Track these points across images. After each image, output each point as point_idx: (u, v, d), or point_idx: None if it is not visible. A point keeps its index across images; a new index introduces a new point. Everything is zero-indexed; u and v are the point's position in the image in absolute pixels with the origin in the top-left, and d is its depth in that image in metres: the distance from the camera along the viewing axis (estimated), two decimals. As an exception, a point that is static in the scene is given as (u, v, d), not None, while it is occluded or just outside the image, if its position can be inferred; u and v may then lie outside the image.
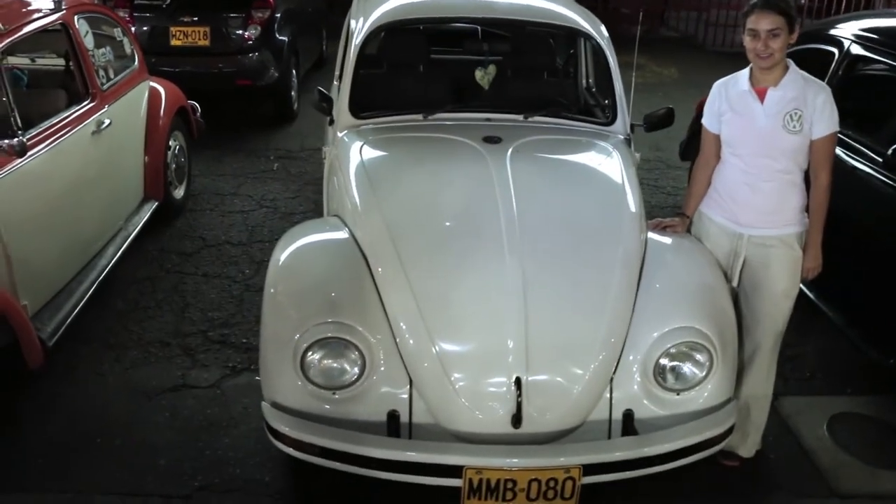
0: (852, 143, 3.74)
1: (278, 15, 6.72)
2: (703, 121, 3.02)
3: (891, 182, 3.45)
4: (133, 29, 6.50)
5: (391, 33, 3.90)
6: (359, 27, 3.64)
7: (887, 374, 3.42)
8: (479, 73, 3.84)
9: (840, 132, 3.75)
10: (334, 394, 2.50)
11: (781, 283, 2.92)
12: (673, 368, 2.58)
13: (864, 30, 3.97)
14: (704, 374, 2.58)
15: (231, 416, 3.32)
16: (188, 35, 6.52)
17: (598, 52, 3.61)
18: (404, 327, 2.53)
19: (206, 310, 4.11)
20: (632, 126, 3.63)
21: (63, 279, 3.67)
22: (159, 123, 4.69)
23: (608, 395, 2.56)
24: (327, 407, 2.51)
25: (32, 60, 4.63)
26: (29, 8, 3.63)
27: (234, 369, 3.64)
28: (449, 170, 3.09)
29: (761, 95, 2.81)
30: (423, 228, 2.78)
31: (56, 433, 3.20)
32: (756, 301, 2.96)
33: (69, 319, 3.53)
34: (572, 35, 3.72)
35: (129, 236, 4.26)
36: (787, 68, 2.80)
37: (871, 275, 3.59)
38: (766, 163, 2.83)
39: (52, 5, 3.72)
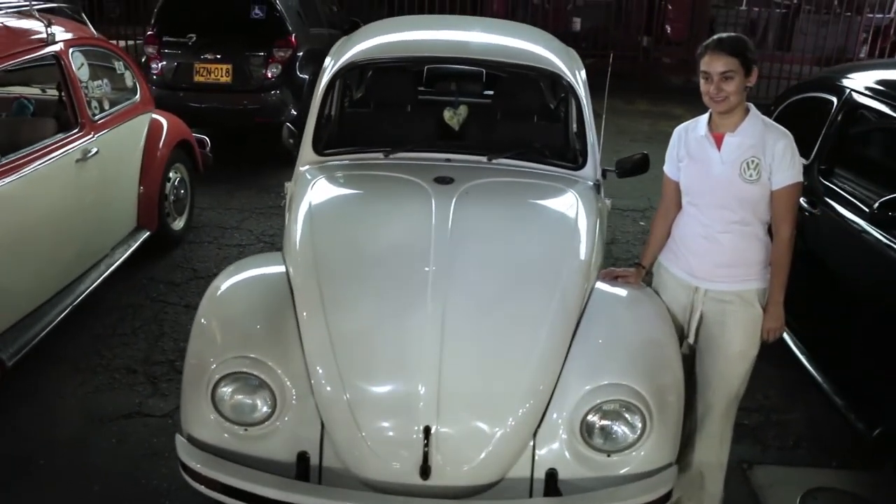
0: (845, 194, 3.52)
1: (300, 54, 6.85)
2: (665, 167, 2.90)
3: (880, 238, 3.22)
4: (160, 64, 6.75)
5: (363, 73, 3.89)
6: (329, 65, 3.64)
7: (871, 447, 3.16)
8: (447, 114, 3.78)
9: (834, 183, 3.61)
10: (245, 429, 2.44)
11: (737, 344, 2.74)
12: (603, 428, 2.41)
13: (864, 78, 3.77)
14: (637, 435, 2.40)
15: (174, 447, 3.27)
16: (211, 72, 6.69)
17: (571, 94, 3.51)
18: (319, 370, 2.45)
19: (179, 340, 4.11)
20: (604, 172, 3.51)
21: (34, 302, 3.72)
22: (157, 155, 4.77)
23: (531, 452, 2.41)
24: (238, 443, 2.44)
25: (43, 91, 4.81)
26: (22, 40, 3.76)
27: (191, 401, 3.61)
28: (390, 210, 3.02)
29: (718, 141, 2.67)
30: (351, 268, 2.71)
31: (2, 450, 3.25)
32: (709, 361, 2.78)
33: (34, 342, 3.58)
34: (547, 77, 3.63)
35: (113, 264, 4.31)
36: (746, 112, 2.66)
37: (859, 338, 3.35)
38: (722, 213, 2.67)
39: (45, 37, 3.84)
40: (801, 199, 3.73)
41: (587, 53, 11.87)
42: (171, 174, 5.03)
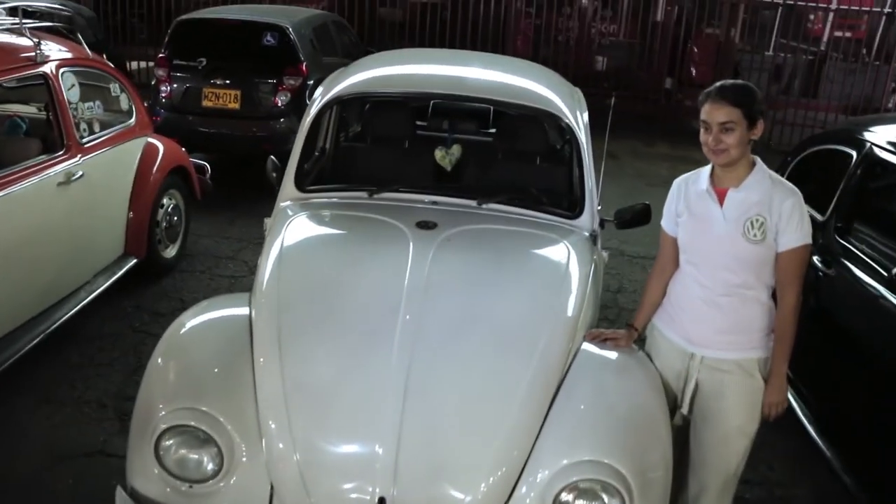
0: (862, 255, 3.28)
1: (311, 83, 6.73)
2: (662, 222, 2.69)
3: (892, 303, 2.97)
4: (169, 87, 6.67)
5: (361, 106, 3.74)
6: (317, 98, 3.49)
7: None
8: (439, 153, 3.60)
9: (851, 242, 3.37)
10: (190, 486, 2.26)
11: (736, 418, 2.50)
12: None
13: (887, 132, 3.54)
14: None
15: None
16: (219, 97, 6.60)
17: (570, 137, 3.32)
18: (272, 425, 2.26)
19: (154, 375, 3.93)
20: (602, 222, 3.30)
21: (3, 328, 3.56)
22: (150, 180, 4.64)
23: (498, 529, 2.19)
24: (182, 500, 2.26)
25: (39, 110, 4.71)
26: (8, 58, 3.65)
27: (157, 442, 3.42)
28: (364, 255, 2.83)
29: (721, 197, 2.46)
30: (313, 315, 2.51)
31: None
32: (705, 435, 2.55)
33: (1, 368, 3.42)
34: (543, 117, 3.44)
35: (94, 291, 4.16)
36: (752, 166, 2.45)
37: (873, 411, 3.08)
38: (723, 275, 2.46)
39: (33, 56, 3.74)
40: (815, 259, 3.50)
41: (608, 93, 11.79)
42: (164, 200, 4.90)
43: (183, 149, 5.35)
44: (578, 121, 3.36)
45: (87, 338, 4.24)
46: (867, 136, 3.57)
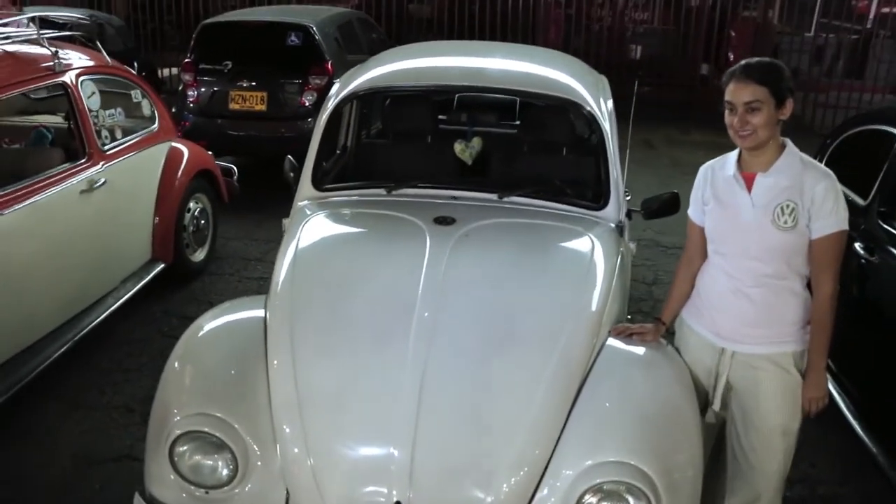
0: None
1: (336, 81, 6.68)
2: (689, 211, 2.56)
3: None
4: (196, 92, 6.70)
5: (371, 104, 3.66)
6: (333, 95, 3.43)
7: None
8: (458, 147, 3.50)
9: (894, 227, 3.19)
10: (207, 492, 2.22)
11: (777, 416, 2.37)
12: None
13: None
14: None
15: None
16: (246, 99, 6.60)
17: (594, 125, 3.20)
18: (286, 429, 2.21)
19: (182, 379, 3.92)
20: (629, 212, 3.18)
21: (31, 337, 3.58)
22: (174, 185, 4.64)
23: (519, 534, 2.11)
24: None
25: (64, 120, 4.74)
26: (27, 69, 3.67)
27: (183, 447, 3.42)
28: (380, 253, 2.75)
29: (749, 182, 2.33)
30: (327, 316, 2.45)
31: (-19, 492, 3.10)
32: (749, 438, 2.43)
33: (29, 377, 3.45)
34: (565, 106, 3.32)
35: (122, 297, 4.17)
36: (782, 149, 2.31)
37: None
38: (753, 265, 2.33)
39: (52, 66, 3.75)
40: (857, 245, 3.33)
41: (643, 82, 11.57)
42: (191, 204, 4.90)
43: (210, 152, 5.35)
44: (602, 109, 3.24)
45: (117, 343, 4.25)
46: (910, 113, 3.39)
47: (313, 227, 2.93)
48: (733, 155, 2.42)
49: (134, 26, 11.40)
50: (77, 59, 4.00)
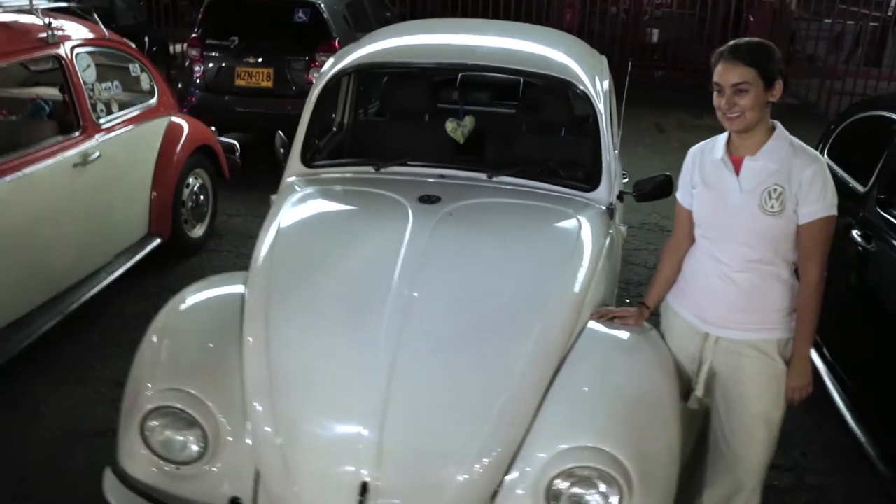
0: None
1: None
2: (677, 194, 2.51)
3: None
4: (202, 67, 6.67)
5: (368, 82, 3.61)
6: (324, 72, 3.39)
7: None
8: (450, 126, 3.45)
9: (893, 215, 3.11)
10: (177, 468, 2.21)
11: (759, 404, 2.33)
12: (573, 496, 2.05)
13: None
14: None
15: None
16: (252, 76, 6.57)
17: (587, 105, 3.13)
18: (257, 407, 2.18)
19: (172, 354, 3.93)
20: (621, 195, 3.12)
21: (21, 309, 3.59)
22: (173, 160, 4.62)
23: (488, 517, 2.08)
24: (169, 481, 2.22)
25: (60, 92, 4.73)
26: (20, 40, 3.65)
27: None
28: (361, 231, 2.72)
29: (737, 166, 2.28)
30: (303, 293, 2.42)
31: (-34, 466, 3.11)
32: (730, 425, 2.39)
33: (17, 349, 3.45)
34: (559, 85, 3.25)
35: (115, 271, 4.16)
36: (771, 132, 2.25)
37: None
38: (740, 250, 2.27)
39: (46, 38, 3.73)
40: (855, 233, 3.27)
41: (657, 66, 11.44)
42: (190, 180, 4.88)
43: (213, 128, 5.33)
44: (597, 89, 3.18)
45: (110, 318, 4.26)
46: (914, 99, 3.30)
47: (297, 203, 2.91)
48: (722, 138, 2.37)
49: (147, 1, 11.38)
50: (73, 30, 3.97)
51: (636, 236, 5.68)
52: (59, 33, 3.81)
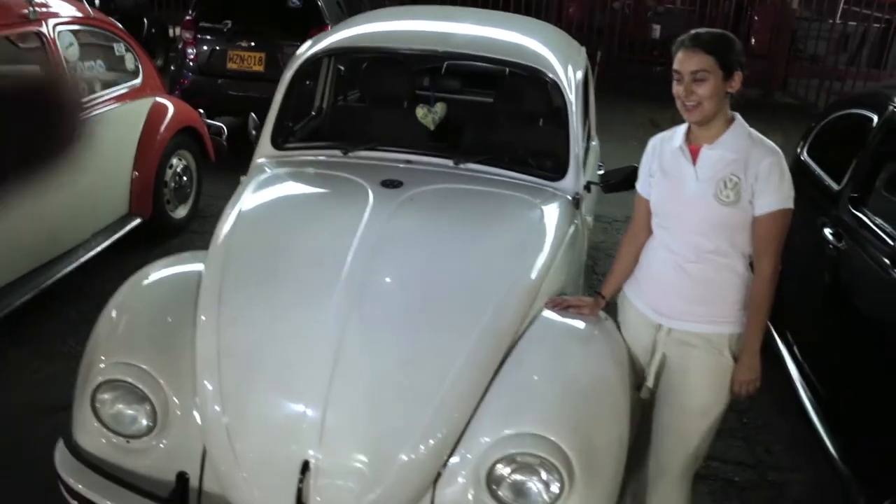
0: (877, 228, 3.00)
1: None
2: (637, 184, 2.51)
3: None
4: (195, 50, 6.67)
5: (348, 66, 3.61)
6: (297, 56, 3.39)
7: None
8: (420, 112, 3.45)
9: (866, 214, 3.09)
10: (127, 441, 2.23)
11: (699, 396, 2.32)
12: (514, 483, 2.05)
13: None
14: (552, 500, 2.02)
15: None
16: (244, 60, 6.57)
17: (557, 94, 3.12)
18: (207, 385, 2.20)
19: (146, 333, 3.95)
20: (588, 184, 3.12)
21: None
22: (156, 140, 4.63)
23: (430, 499, 2.09)
24: (119, 454, 2.24)
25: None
26: (1, 14, 3.65)
27: (139, 397, 3.45)
28: (319, 213, 2.73)
29: (695, 155, 2.27)
30: (256, 274, 2.43)
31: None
32: (665, 411, 2.38)
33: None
34: (528, 73, 3.23)
35: (93, 249, 4.18)
36: (730, 122, 2.25)
37: (877, 399, 2.84)
38: (695, 240, 2.27)
39: (26, 14, 3.73)
40: (827, 231, 3.26)
41: (657, 62, 11.39)
42: (174, 161, 4.89)
43: (200, 110, 5.33)
44: (569, 78, 3.17)
45: (88, 295, 4.26)
46: (891, 97, 3.27)
47: (261, 184, 2.91)
48: (683, 127, 2.36)
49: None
50: (56, 8, 3.97)
51: (620, 230, 5.67)
52: (42, 10, 3.81)
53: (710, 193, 2.21)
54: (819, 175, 3.62)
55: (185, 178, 5.06)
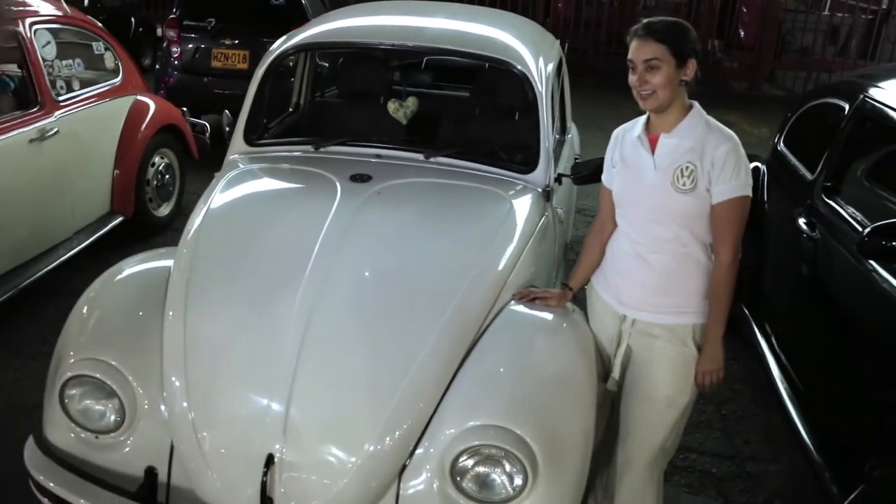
0: (849, 217, 3.00)
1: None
2: (602, 176, 2.51)
3: (873, 273, 2.71)
4: (179, 48, 6.67)
5: (325, 62, 3.62)
6: (270, 51, 3.39)
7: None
8: (392, 106, 3.46)
9: (839, 203, 3.10)
10: (96, 437, 2.24)
11: (664, 388, 2.32)
12: (477, 475, 2.06)
13: (887, 83, 3.24)
14: (516, 491, 2.02)
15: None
16: (228, 57, 6.57)
17: (527, 87, 3.12)
18: (174, 380, 2.20)
19: (127, 331, 3.95)
20: (559, 177, 3.12)
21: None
22: (136, 138, 4.63)
23: (395, 492, 2.10)
24: (87, 450, 2.25)
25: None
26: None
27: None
28: (287, 208, 2.73)
29: (653, 144, 2.27)
30: (223, 269, 2.44)
31: None
32: (631, 403, 2.39)
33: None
34: (499, 66, 3.23)
35: (74, 248, 4.18)
36: (688, 111, 2.25)
37: (852, 388, 2.85)
38: (654, 229, 2.27)
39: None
40: (801, 221, 3.26)
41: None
42: (156, 159, 4.89)
43: (184, 108, 5.33)
44: (540, 70, 3.17)
45: (68, 294, 4.23)
46: (865, 86, 3.28)
47: (232, 180, 2.92)
48: (643, 118, 2.36)
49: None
50: (33, 6, 3.97)
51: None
52: (17, 9, 3.81)
53: (667, 182, 2.21)
54: (794, 165, 3.63)
55: (167, 177, 5.06)
